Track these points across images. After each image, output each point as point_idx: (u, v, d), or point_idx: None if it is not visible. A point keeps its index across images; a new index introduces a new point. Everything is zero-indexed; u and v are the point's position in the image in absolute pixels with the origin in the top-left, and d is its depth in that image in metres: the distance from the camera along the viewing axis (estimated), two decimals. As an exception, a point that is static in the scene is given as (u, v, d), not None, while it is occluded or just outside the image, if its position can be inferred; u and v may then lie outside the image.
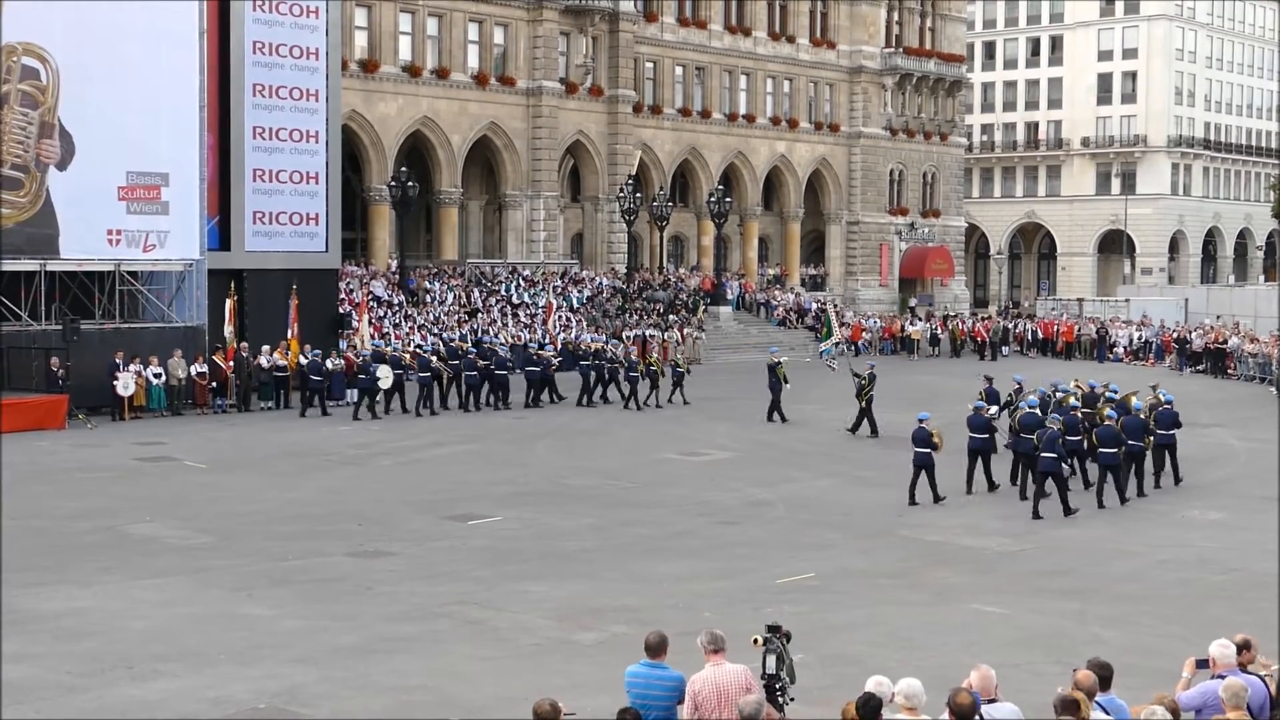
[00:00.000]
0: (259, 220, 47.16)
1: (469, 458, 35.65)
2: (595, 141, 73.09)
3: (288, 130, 47.54)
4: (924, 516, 28.09)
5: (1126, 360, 68.19)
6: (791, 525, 26.99)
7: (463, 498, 29.33)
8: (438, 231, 69.78)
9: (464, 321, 58.38)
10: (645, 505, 28.88)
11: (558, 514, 27.54)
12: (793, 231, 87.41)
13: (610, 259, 74.20)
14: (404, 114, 65.63)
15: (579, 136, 72.42)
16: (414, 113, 65.97)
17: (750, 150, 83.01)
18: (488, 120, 68.56)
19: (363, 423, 41.97)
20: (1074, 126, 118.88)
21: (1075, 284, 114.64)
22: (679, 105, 79.05)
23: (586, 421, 43.16)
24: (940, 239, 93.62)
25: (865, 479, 33.06)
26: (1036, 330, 73.57)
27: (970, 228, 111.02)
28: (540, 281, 66.51)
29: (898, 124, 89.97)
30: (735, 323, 71.94)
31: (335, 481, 31.44)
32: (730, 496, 30.21)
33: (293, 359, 45.41)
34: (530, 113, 69.68)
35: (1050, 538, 26.12)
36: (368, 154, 64.99)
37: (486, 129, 68.75)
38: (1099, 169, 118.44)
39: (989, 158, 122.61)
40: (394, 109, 65.24)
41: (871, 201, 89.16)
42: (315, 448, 36.40)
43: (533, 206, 70.47)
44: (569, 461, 35.04)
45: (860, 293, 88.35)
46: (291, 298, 46.01)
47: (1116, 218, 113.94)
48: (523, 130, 69.73)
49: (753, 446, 38.30)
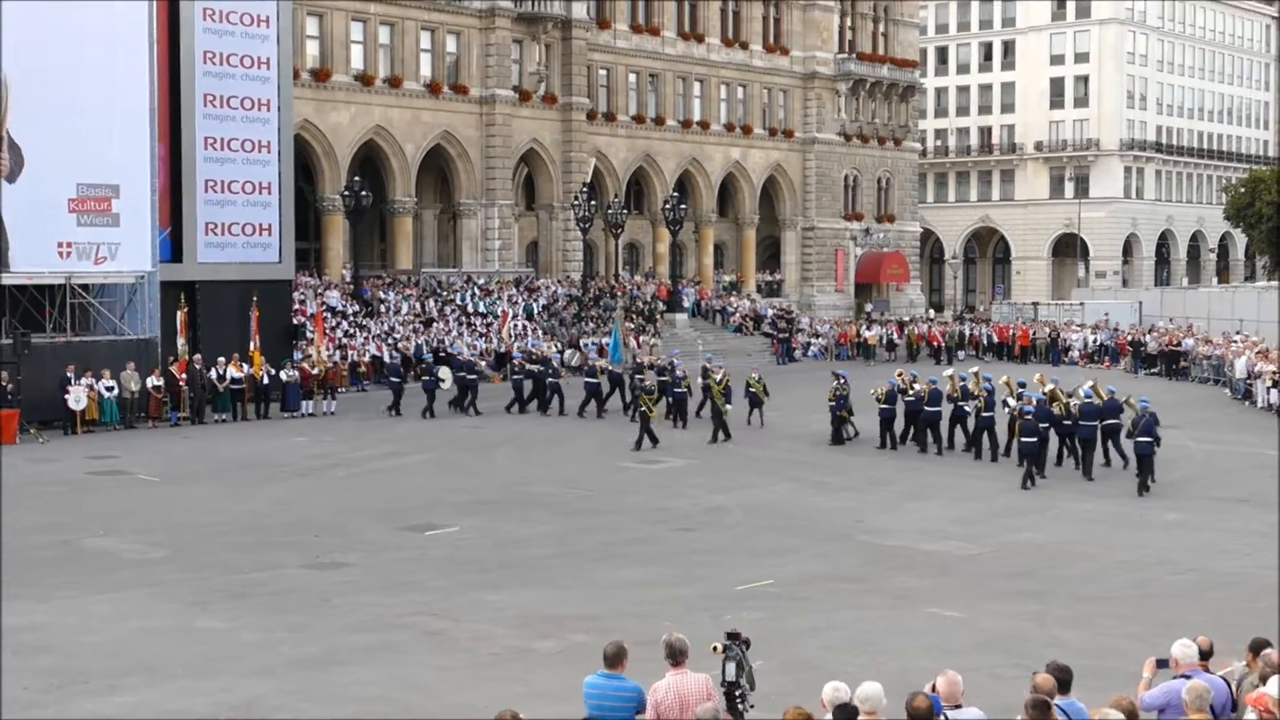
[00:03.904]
0: (211, 231, 46.93)
1: (426, 467, 35.57)
2: (549, 149, 73.05)
3: (239, 140, 47.33)
4: (883, 521, 28.20)
5: (1082, 363, 68.51)
6: (750, 531, 27.04)
7: (420, 507, 29.27)
8: (392, 241, 69.59)
9: (420, 331, 58.22)
10: (604, 512, 28.88)
11: (516, 522, 27.50)
12: (748, 238, 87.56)
13: (565, 267, 74.14)
14: (357, 123, 65.45)
15: (533, 144, 72.38)
16: (367, 122, 65.78)
17: (705, 157, 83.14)
18: (441, 129, 68.43)
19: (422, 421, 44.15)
20: (1027, 131, 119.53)
21: (1030, 288, 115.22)
22: (633, 112, 79.11)
23: (544, 429, 43.11)
24: (895, 244, 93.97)
25: (824, 484, 33.13)
26: (992, 334, 73.89)
27: (925, 232, 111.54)
28: (495, 290, 66.42)
29: (852, 129, 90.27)
30: (691, 330, 71.99)
31: (290, 493, 31.31)
32: (688, 503, 30.22)
33: (255, 370, 45.30)
34: (484, 121, 69.59)
35: (1009, 541, 26.26)
36: (320, 164, 64.75)
37: (440, 137, 68.62)
38: (1052, 173, 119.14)
39: (943, 162, 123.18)
40: (346, 118, 65.05)
41: (826, 207, 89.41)
42: (270, 459, 36.24)
43: (487, 215, 70.36)
44: (527, 470, 34.99)
45: (816, 298, 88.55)
46: (252, 309, 45.84)
47: (1070, 221, 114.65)
48: (476, 139, 69.63)
49: (710, 453, 38.34)
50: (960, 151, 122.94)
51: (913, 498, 31.26)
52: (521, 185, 76.67)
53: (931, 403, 38.36)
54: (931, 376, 39.97)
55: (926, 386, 38.73)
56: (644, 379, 40.61)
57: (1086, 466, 34.24)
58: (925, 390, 38.61)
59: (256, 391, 45.57)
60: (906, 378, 39.96)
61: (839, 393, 39.74)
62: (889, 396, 38.97)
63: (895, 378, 39.92)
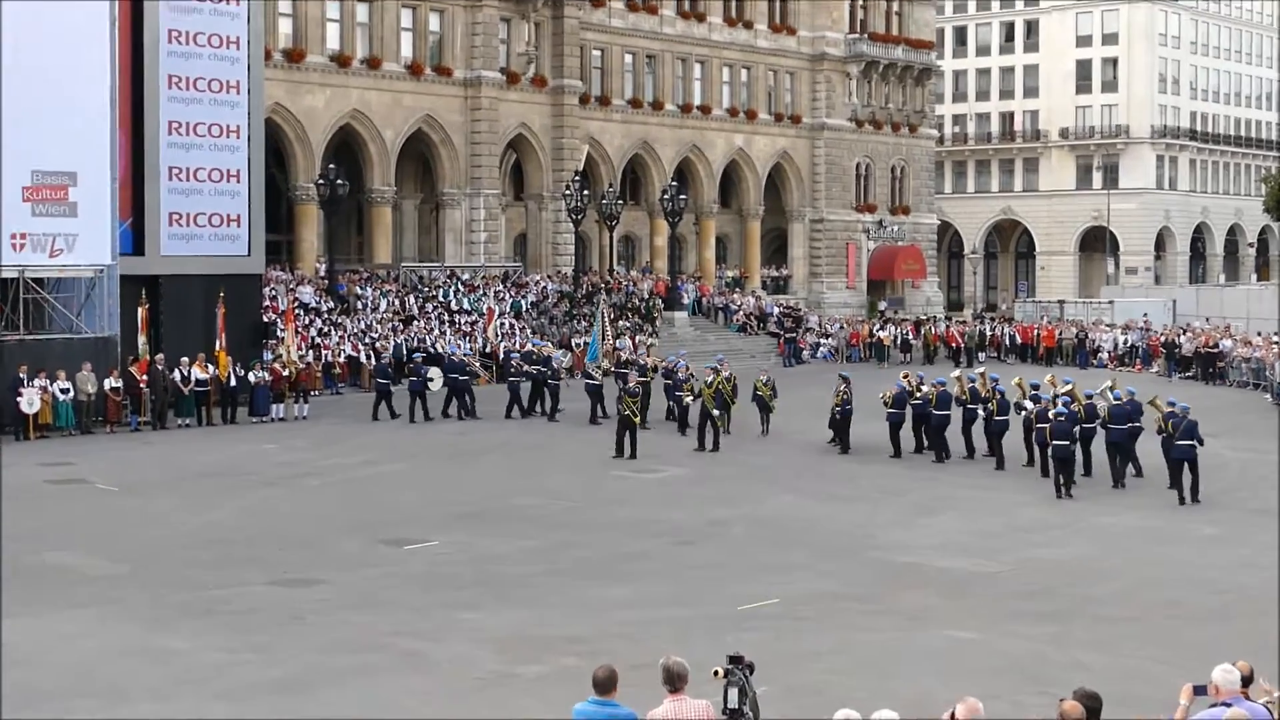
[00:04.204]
0: (175, 222, 46.86)
1: (404, 477, 35.56)
2: (539, 135, 73.04)
3: (206, 125, 47.24)
4: (895, 535, 28.20)
5: (1111, 366, 68.50)
6: (753, 546, 27.06)
7: (397, 520, 29.27)
8: (369, 233, 69.55)
9: (399, 330, 58.21)
10: (594, 526, 28.87)
11: (500, 537, 27.49)
12: (753, 230, 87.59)
13: (556, 261, 74.14)
14: (332, 106, 65.41)
15: (521, 130, 72.37)
16: (343, 105, 65.75)
17: (706, 144, 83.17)
18: (423, 113, 68.41)
19: (418, 425, 44.74)
20: (1051, 116, 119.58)
21: (1056, 285, 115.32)
22: (629, 96, 79.11)
23: (531, 436, 43.10)
24: (911, 238, 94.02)
25: (833, 495, 33.14)
26: (1015, 334, 73.91)
27: (943, 225, 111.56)
28: (480, 286, 66.42)
29: (864, 115, 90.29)
30: (691, 329, 71.98)
31: (259, 504, 31.29)
32: (686, 515, 30.21)
33: (222, 371, 45.27)
34: (469, 105, 69.59)
35: (1030, 557, 26.26)
36: (293, 150, 64.73)
37: (421, 122, 68.60)
38: (1079, 161, 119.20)
39: (962, 150, 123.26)
40: (321, 101, 65.02)
41: (837, 198, 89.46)
42: (237, 467, 36.21)
43: (472, 205, 70.36)
44: (512, 480, 34.95)
45: (825, 295, 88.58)
46: (218, 305, 45.81)
47: (1099, 214, 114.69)
48: (461, 124, 69.63)
49: (710, 462, 38.33)
50: (980, 139, 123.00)
51: (927, 510, 31.28)
52: (509, 174, 76.63)
53: (940, 406, 38.48)
54: (939, 378, 40.03)
55: (934, 389, 38.80)
56: (627, 380, 40.41)
57: (1118, 473, 34.40)
58: (933, 393, 38.69)
59: (223, 394, 45.49)
60: (913, 379, 40.09)
61: (844, 398, 39.71)
62: (897, 400, 39.15)
63: (902, 380, 40.04)
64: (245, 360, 46.30)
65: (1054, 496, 32.69)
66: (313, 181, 62.29)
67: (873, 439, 40.05)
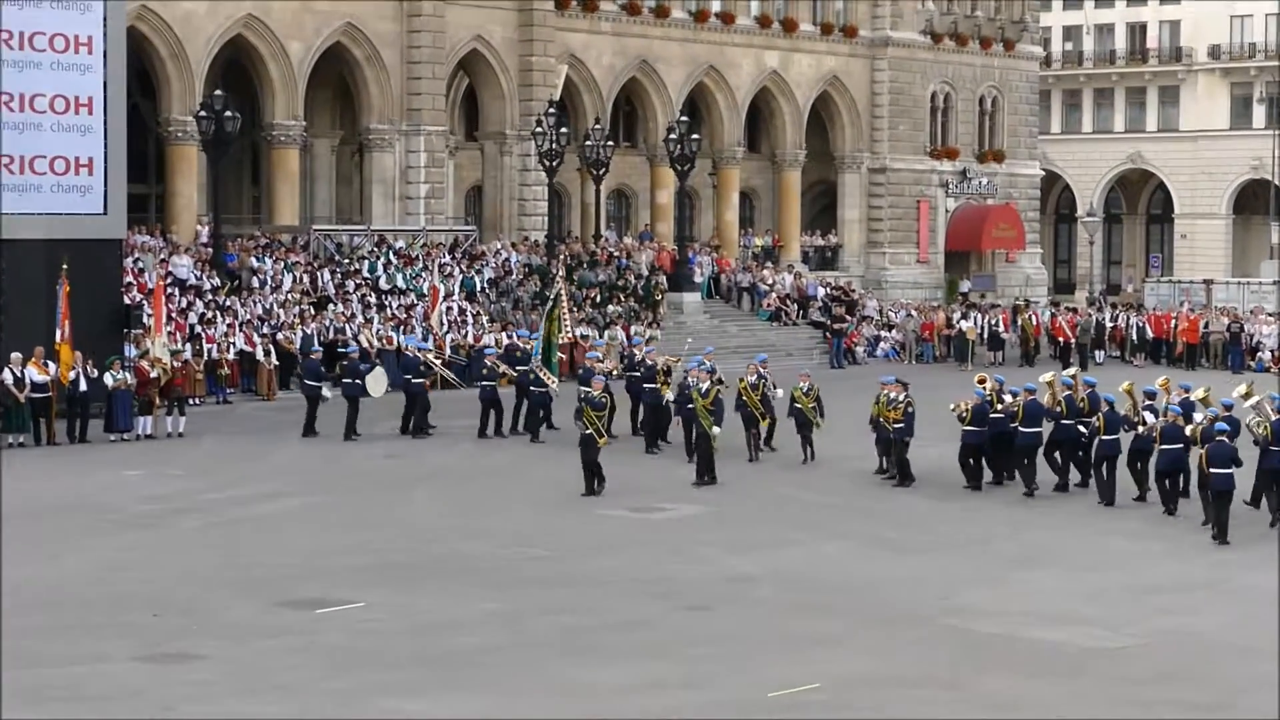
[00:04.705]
0: (7, 168, 46.96)
1: (316, 514, 35.61)
2: (500, 52, 73.01)
3: (47, 36, 47.32)
4: (978, 597, 28.28)
5: (1274, 368, 68.56)
6: (786, 610, 27.13)
7: (306, 574, 29.32)
8: (269, 184, 69.56)
9: (309, 316, 58.26)
10: (575, 583, 28.93)
11: (446, 597, 27.58)
12: (790, 183, 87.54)
13: (522, 223, 74.15)
14: (219, 12, 65.35)
15: (476, 45, 72.33)
16: (233, 10, 65.70)
17: (727, 65, 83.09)
18: (342, 21, 68.33)
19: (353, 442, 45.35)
20: (1198, 29, 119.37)
21: (1201, 259, 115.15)
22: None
23: (488, 459, 43.14)
24: (1005, 194, 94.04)
25: (892, 542, 33.22)
26: (1145, 326, 73.91)
27: (1049, 177, 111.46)
28: (420, 258, 66.40)
29: (942, 26, 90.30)
30: (706, 316, 72.04)
31: (120, 552, 31.31)
32: (699, 570, 30.27)
33: (63, 371, 45.19)
34: (405, 11, 69.57)
35: (1163, 628, 26.32)
36: (165, 71, 64.65)
37: (340, 34, 68.52)
38: (1235, 92, 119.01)
39: (1075, 75, 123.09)
40: (204, 6, 65.00)
41: (904, 140, 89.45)
42: (90, 501, 36.22)
43: (409, 148, 70.33)
44: (463, 519, 35.03)
45: (889, 272, 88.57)
46: (60, 282, 45.80)
47: (1260, 162, 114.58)
48: (394, 35, 69.57)
49: (732, 497, 38.44)
50: (1100, 60, 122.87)
51: (1021, 563, 31.35)
52: (460, 105, 76.66)
53: (1028, 423, 38.65)
54: (1028, 384, 40.13)
55: (1022, 398, 38.99)
56: (590, 388, 40.26)
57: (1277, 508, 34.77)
58: (1019, 404, 38.86)
59: (69, 402, 45.54)
60: (992, 385, 40.20)
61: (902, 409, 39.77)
62: (977, 414, 39.13)
63: (980, 386, 40.07)
64: (100, 357, 46.24)
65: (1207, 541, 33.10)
66: (192, 114, 62.22)
67: (940, 466, 40.25)
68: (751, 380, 43.09)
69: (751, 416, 43.17)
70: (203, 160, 64.04)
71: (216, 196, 63.10)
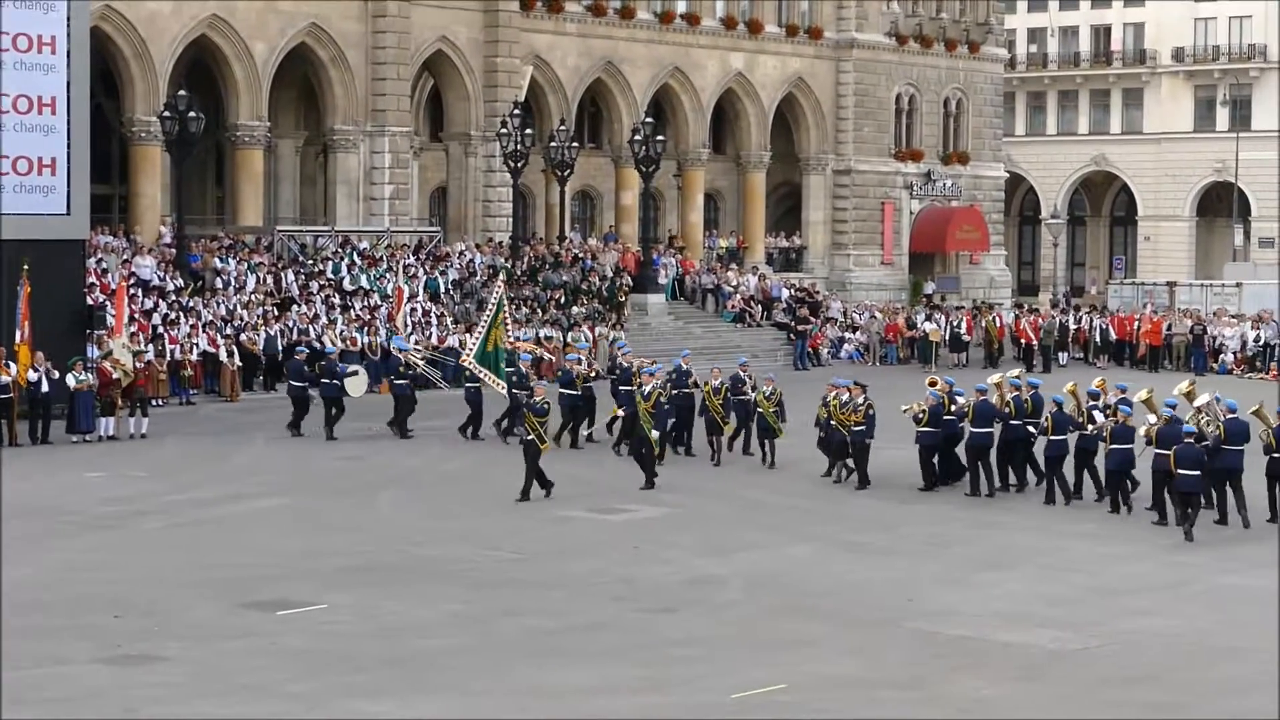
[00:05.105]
0: (-33, 169, 46.90)
1: (279, 516, 35.55)
2: (465, 53, 72.96)
3: (10, 36, 47.19)
4: (944, 598, 28.30)
5: (1237, 370, 68.80)
6: (752, 613, 27.15)
7: (270, 576, 29.27)
8: (233, 185, 69.43)
9: (272, 317, 58.16)
10: (539, 585, 28.92)
11: (411, 600, 27.55)
12: (754, 185, 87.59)
13: (487, 224, 74.11)
14: (183, 12, 65.19)
15: (441, 46, 72.28)
16: (198, 10, 65.56)
17: (692, 66, 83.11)
18: (306, 22, 68.24)
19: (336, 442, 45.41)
20: (1162, 32, 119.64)
21: (1165, 261, 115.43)
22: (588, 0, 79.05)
23: (452, 462, 43.09)
24: (969, 196, 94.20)
25: (860, 545, 33.25)
26: (1108, 328, 74.08)
27: (1013, 179, 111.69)
28: (385, 258, 66.32)
29: (907, 28, 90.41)
30: (670, 317, 72.05)
31: (82, 553, 31.24)
32: (664, 571, 30.28)
33: (22, 372, 45.07)
34: (370, 11, 69.49)
35: (1126, 629, 26.36)
36: (129, 71, 64.51)
37: (305, 34, 68.42)
38: (1198, 94, 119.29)
39: (1039, 77, 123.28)
40: (168, 5, 64.83)
41: (869, 141, 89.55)
42: (52, 504, 36.11)
43: (373, 149, 70.26)
44: (426, 522, 35.02)
45: (853, 274, 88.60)
46: (21, 283, 45.67)
47: (1224, 165, 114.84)
48: (359, 36, 69.48)
49: (698, 498, 38.47)
50: (1065, 62, 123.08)
51: (985, 565, 31.41)
52: (425, 106, 76.56)
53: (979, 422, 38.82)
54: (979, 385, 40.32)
55: (973, 398, 39.24)
56: (532, 395, 40.02)
57: (1241, 505, 35.30)
58: (970, 405, 39.13)
59: (31, 403, 45.42)
60: (943, 386, 40.50)
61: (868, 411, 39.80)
62: (933, 415, 39.41)
63: (932, 388, 40.36)
64: (63, 358, 46.11)
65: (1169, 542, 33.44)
66: (156, 114, 62.09)
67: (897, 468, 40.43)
68: (714, 384, 43.09)
69: (714, 421, 43.21)
70: (166, 161, 63.91)
71: (180, 197, 63.00)
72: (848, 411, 39.92)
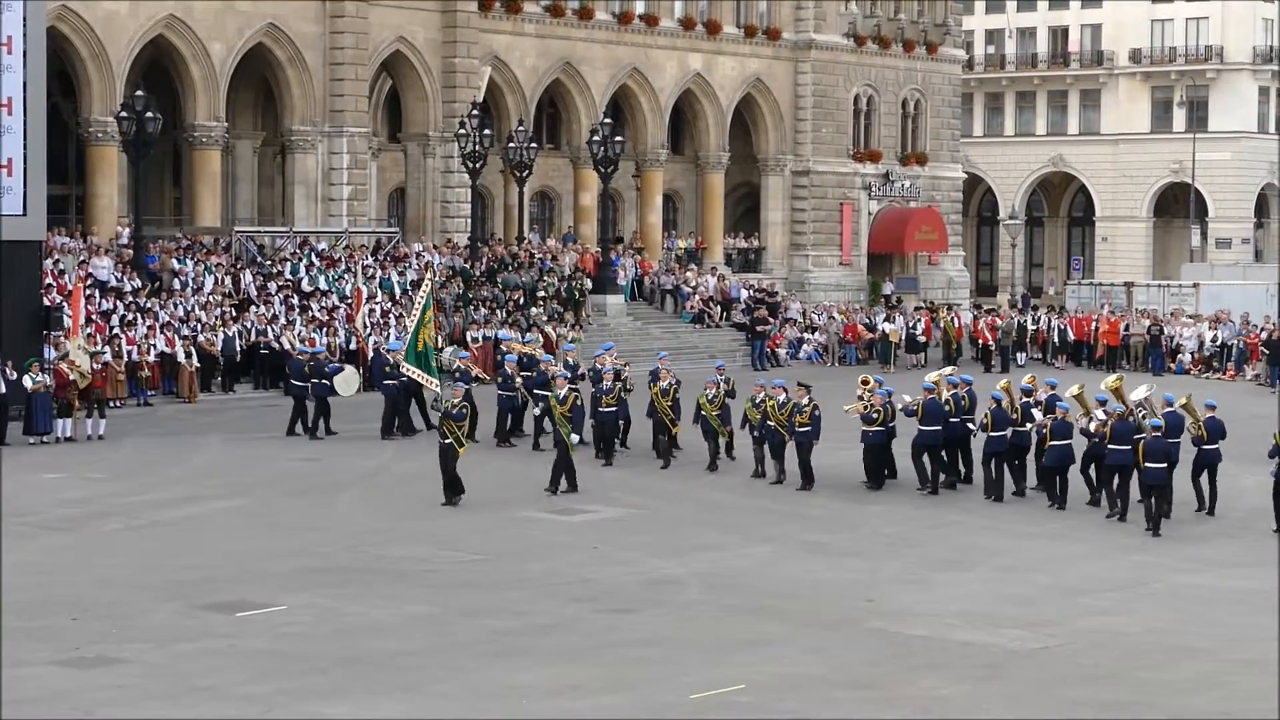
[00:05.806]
0: (-77, 169, 46.71)
1: (237, 517, 35.47)
2: (423, 53, 72.85)
3: (-35, 35, 47.10)
4: (903, 598, 28.34)
5: (1194, 370, 68.98)
6: (712, 613, 27.18)
7: (229, 578, 29.21)
8: (190, 186, 69.26)
9: (230, 318, 58.02)
10: (498, 586, 28.93)
11: (370, 601, 27.53)
12: (713, 186, 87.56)
13: (445, 225, 74.00)
14: (140, 12, 65.01)
15: (399, 46, 72.16)
16: (155, 11, 65.38)
17: (651, 66, 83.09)
18: (264, 22, 68.07)
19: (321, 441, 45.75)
20: (1119, 33, 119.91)
21: (1122, 262, 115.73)
22: (546, 1, 79.00)
23: (410, 463, 43.06)
24: (928, 197, 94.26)
25: (820, 545, 33.30)
26: (1065, 329, 74.22)
27: (971, 180, 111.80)
28: (343, 259, 66.22)
29: (865, 29, 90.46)
30: (629, 318, 72.00)
31: (39, 555, 31.16)
32: (623, 572, 30.32)
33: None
34: (328, 11, 69.35)
35: (1085, 628, 26.43)
36: (86, 71, 64.31)
37: (263, 34, 68.25)
38: (1156, 95, 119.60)
39: (997, 78, 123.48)
40: (125, 6, 64.65)
41: (827, 142, 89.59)
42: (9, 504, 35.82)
43: (331, 149, 70.12)
44: (385, 522, 34.98)
45: (812, 274, 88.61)
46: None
47: (1180, 166, 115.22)
48: (316, 36, 69.35)
49: (657, 499, 38.53)
50: (1023, 63, 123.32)
51: (945, 565, 31.49)
52: (383, 106, 76.43)
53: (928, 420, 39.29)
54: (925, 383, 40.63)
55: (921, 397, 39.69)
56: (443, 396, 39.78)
57: (1207, 503, 36.60)
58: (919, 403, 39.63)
59: None
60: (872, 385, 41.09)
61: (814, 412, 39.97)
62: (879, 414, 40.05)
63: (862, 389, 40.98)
64: (19, 360, 46.00)
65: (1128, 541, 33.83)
66: (113, 114, 61.88)
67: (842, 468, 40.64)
68: (663, 386, 42.99)
69: (662, 423, 43.19)
70: (123, 161, 63.69)
71: (137, 198, 62.75)
72: (789, 412, 40.07)
